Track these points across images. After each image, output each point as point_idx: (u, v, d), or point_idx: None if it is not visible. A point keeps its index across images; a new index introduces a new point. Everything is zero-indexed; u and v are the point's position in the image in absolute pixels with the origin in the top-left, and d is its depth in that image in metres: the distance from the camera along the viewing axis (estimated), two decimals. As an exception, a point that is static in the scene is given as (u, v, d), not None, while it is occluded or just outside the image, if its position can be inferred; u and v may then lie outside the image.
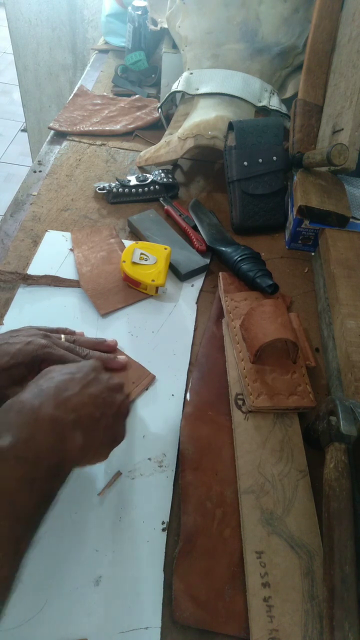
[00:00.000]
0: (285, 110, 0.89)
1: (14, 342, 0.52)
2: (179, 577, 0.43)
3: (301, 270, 0.75)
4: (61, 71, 1.78)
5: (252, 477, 0.49)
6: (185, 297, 0.68)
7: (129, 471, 0.50)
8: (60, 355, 0.53)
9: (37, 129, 1.95)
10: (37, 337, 0.53)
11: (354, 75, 0.75)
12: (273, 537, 0.45)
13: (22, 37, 1.69)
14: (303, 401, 0.54)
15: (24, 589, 0.41)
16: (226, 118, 0.82)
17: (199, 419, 0.54)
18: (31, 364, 0.51)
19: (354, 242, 0.69)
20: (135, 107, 1.06)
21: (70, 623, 0.40)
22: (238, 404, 0.55)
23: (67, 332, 0.59)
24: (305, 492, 0.48)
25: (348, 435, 0.45)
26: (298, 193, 0.72)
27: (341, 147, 0.66)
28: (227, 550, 0.45)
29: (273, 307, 0.58)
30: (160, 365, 0.59)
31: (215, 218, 0.80)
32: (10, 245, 0.73)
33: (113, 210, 0.81)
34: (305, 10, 0.91)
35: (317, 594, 0.42)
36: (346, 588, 0.39)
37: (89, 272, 0.69)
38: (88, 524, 0.46)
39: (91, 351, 0.56)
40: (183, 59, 0.93)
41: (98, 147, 0.95)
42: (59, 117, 1.00)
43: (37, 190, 0.83)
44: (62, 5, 1.60)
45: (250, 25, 0.90)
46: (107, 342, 0.59)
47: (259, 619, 0.41)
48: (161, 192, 0.84)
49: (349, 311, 0.59)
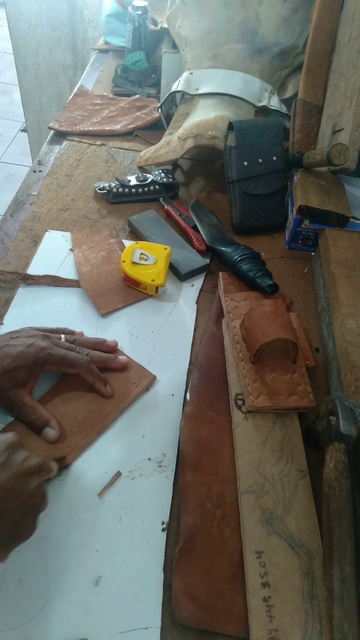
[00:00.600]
0: (285, 110, 0.89)
1: (15, 345, 0.52)
2: (178, 577, 0.43)
3: (301, 270, 0.75)
4: (61, 71, 1.78)
5: (252, 477, 0.49)
6: (185, 297, 0.68)
7: (128, 471, 0.50)
8: (61, 356, 0.53)
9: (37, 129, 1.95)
10: (38, 338, 0.53)
11: (354, 75, 0.75)
12: (273, 537, 0.45)
13: (22, 37, 1.69)
14: (303, 401, 0.54)
15: (24, 589, 0.42)
16: (226, 118, 0.82)
17: (199, 419, 0.54)
18: (33, 366, 0.52)
19: (354, 242, 0.69)
20: (135, 107, 1.06)
21: (70, 623, 0.40)
22: (238, 404, 0.55)
23: (67, 332, 0.59)
24: (305, 492, 0.48)
25: (348, 435, 0.45)
26: (298, 193, 0.72)
27: (341, 147, 0.66)
28: (227, 550, 0.45)
29: (273, 307, 0.58)
30: (160, 365, 0.59)
31: (215, 218, 0.80)
32: (10, 245, 0.73)
33: (113, 210, 0.81)
34: (305, 11, 0.91)
35: (317, 594, 0.42)
36: (346, 588, 0.38)
37: (89, 272, 0.69)
38: (88, 524, 0.46)
39: (91, 351, 0.57)
40: (183, 59, 0.93)
41: (98, 147, 0.95)
42: (59, 117, 1.00)
43: (37, 190, 0.83)
44: (62, 6, 1.60)
45: (250, 26, 0.90)
46: (107, 342, 0.59)
47: (258, 618, 0.41)
48: (161, 192, 0.84)
49: (349, 311, 0.59)
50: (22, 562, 0.43)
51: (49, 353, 0.52)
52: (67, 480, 0.48)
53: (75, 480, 0.48)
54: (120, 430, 0.53)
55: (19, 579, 0.42)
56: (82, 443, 0.51)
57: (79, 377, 0.54)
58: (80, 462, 0.50)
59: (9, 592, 0.41)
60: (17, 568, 0.42)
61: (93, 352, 0.56)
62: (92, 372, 0.54)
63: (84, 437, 0.51)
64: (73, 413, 0.53)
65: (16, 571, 0.42)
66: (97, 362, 0.56)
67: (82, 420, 0.53)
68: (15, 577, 0.42)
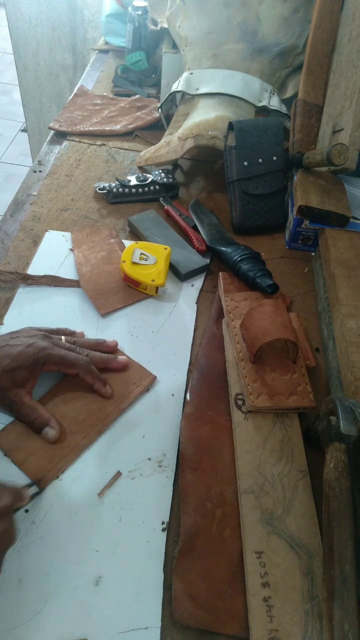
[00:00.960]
0: (285, 110, 0.89)
1: (15, 344, 0.52)
2: (178, 577, 0.43)
3: (301, 270, 0.75)
4: (61, 71, 1.78)
5: (252, 477, 0.49)
6: (185, 297, 0.68)
7: (128, 471, 0.50)
8: (61, 356, 0.53)
9: (37, 129, 1.96)
10: (38, 338, 0.53)
11: (354, 75, 0.75)
12: (273, 537, 0.45)
13: (22, 37, 1.69)
14: (303, 401, 0.54)
15: (24, 589, 0.42)
16: (226, 118, 0.82)
17: (199, 419, 0.54)
18: (33, 367, 0.52)
19: (354, 242, 0.69)
20: (136, 107, 1.06)
21: (70, 623, 0.40)
22: (238, 404, 0.55)
23: (67, 333, 0.59)
24: (305, 492, 0.48)
25: (348, 435, 0.45)
26: (298, 193, 0.72)
27: (341, 147, 0.66)
28: (227, 550, 0.45)
29: (273, 307, 0.58)
30: (160, 365, 0.59)
31: (215, 218, 0.80)
32: (10, 245, 0.73)
33: (113, 210, 0.81)
34: (305, 10, 0.91)
35: (317, 594, 0.42)
36: (346, 588, 0.38)
37: (89, 272, 0.69)
38: (88, 524, 0.46)
39: (91, 351, 0.57)
40: (183, 59, 0.93)
41: (98, 147, 0.95)
42: (59, 117, 1.00)
43: (37, 190, 0.83)
44: (62, 6, 1.60)
45: (250, 25, 0.90)
46: (107, 342, 0.59)
47: (258, 618, 0.41)
48: (161, 192, 0.84)
49: (349, 311, 0.59)
50: (22, 562, 0.43)
51: (49, 353, 0.52)
52: (67, 480, 0.48)
53: (75, 480, 0.48)
54: (120, 430, 0.53)
55: (19, 579, 0.42)
56: (82, 443, 0.51)
57: (79, 377, 0.54)
58: (80, 462, 0.50)
59: (9, 592, 0.41)
60: (17, 568, 0.42)
61: (93, 352, 0.56)
62: (92, 373, 0.54)
63: (84, 437, 0.51)
64: (73, 413, 0.53)
65: (16, 571, 0.42)
66: (97, 362, 0.56)
67: (82, 421, 0.53)
68: (15, 577, 0.42)
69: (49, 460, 0.49)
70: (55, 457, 0.49)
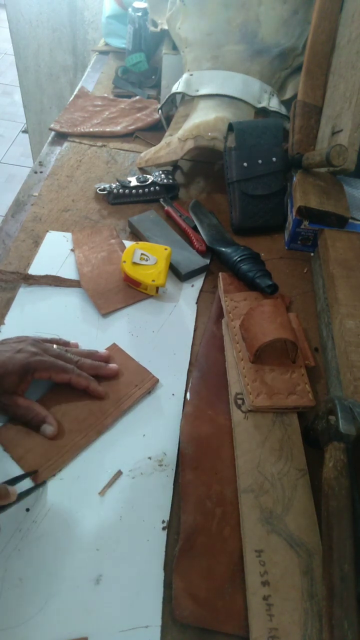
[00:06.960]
0: (284, 112, 0.89)
1: (4, 351, 0.52)
2: (179, 575, 0.43)
3: (300, 270, 0.75)
4: (62, 72, 1.78)
5: (251, 476, 0.49)
6: (185, 297, 0.69)
7: (129, 470, 0.50)
8: (50, 362, 0.53)
9: (38, 130, 1.96)
10: (27, 344, 0.53)
11: (353, 77, 0.75)
12: (272, 536, 0.45)
13: (22, 39, 1.69)
14: (302, 400, 0.54)
15: (24, 589, 0.42)
16: (226, 119, 0.82)
17: (199, 419, 0.54)
18: (23, 373, 0.51)
19: (353, 243, 0.69)
20: (136, 109, 1.06)
21: (70, 622, 0.40)
22: (238, 403, 0.55)
23: (61, 343, 0.58)
24: (305, 491, 0.48)
25: (347, 435, 0.45)
26: (297, 194, 0.72)
27: (340, 148, 0.66)
28: (227, 549, 0.45)
29: (272, 307, 0.58)
30: (160, 365, 0.59)
31: (215, 219, 0.80)
32: (12, 246, 0.73)
33: (113, 211, 0.82)
34: (304, 12, 0.92)
35: (317, 593, 0.42)
36: (345, 587, 0.39)
37: (89, 272, 0.69)
38: (88, 523, 0.46)
39: (82, 358, 0.56)
40: (183, 61, 0.94)
41: (99, 148, 0.95)
42: (60, 118, 1.01)
43: (38, 191, 0.84)
44: (63, 7, 1.60)
45: (250, 27, 0.91)
46: (99, 352, 0.59)
47: (258, 617, 0.41)
48: (161, 193, 0.84)
49: (348, 311, 0.59)
50: (22, 561, 0.43)
51: (38, 359, 0.52)
52: (68, 479, 0.49)
53: (76, 479, 0.49)
54: (121, 429, 0.53)
55: (20, 578, 0.42)
56: (81, 442, 0.51)
57: (71, 383, 0.54)
58: (81, 461, 0.50)
59: (10, 591, 0.41)
60: (17, 567, 0.43)
61: (83, 359, 0.56)
62: (82, 376, 0.54)
63: (83, 436, 0.52)
64: (74, 412, 0.53)
65: (17, 570, 0.43)
66: (88, 369, 0.55)
67: (83, 420, 0.53)
68: (15, 576, 0.42)
69: (47, 458, 0.49)
70: (53, 454, 0.50)
